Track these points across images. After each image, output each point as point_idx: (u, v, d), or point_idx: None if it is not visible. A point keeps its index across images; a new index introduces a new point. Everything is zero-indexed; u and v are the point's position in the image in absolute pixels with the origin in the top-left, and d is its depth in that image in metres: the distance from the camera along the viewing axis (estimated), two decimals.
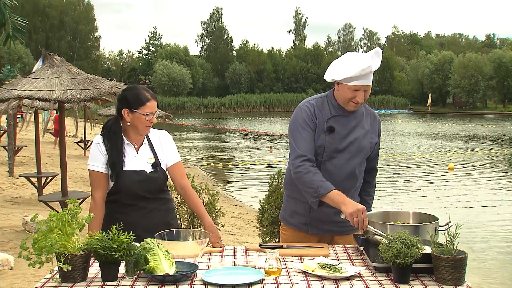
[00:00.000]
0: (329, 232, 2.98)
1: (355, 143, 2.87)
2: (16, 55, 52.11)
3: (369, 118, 2.98)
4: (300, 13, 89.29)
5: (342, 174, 2.85)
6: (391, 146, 25.26)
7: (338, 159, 2.84)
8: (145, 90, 2.86)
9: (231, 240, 7.76)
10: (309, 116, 2.84)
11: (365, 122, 2.94)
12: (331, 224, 2.92)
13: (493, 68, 63.58)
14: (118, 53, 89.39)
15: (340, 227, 2.94)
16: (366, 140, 2.92)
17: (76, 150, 18.67)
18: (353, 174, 2.89)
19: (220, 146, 26.32)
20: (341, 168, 2.85)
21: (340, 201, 2.61)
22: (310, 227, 2.96)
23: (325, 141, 2.82)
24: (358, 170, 2.93)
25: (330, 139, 2.83)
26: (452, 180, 15.54)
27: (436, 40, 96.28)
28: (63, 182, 7.26)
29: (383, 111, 66.67)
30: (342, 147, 2.84)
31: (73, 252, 2.12)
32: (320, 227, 2.95)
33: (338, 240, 2.98)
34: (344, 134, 2.85)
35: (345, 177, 2.86)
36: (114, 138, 2.83)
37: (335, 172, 2.84)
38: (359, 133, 2.89)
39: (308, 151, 2.79)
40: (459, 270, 2.08)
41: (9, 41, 6.39)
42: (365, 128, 2.93)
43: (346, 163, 2.86)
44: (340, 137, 2.84)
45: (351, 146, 2.86)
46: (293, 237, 3.00)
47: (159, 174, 2.89)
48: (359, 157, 2.89)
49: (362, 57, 2.79)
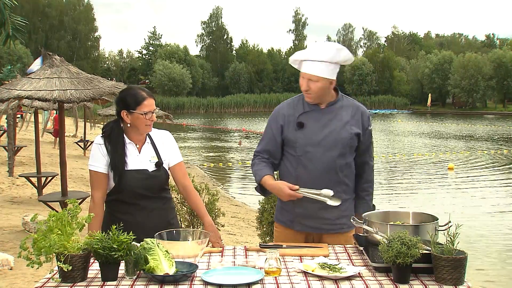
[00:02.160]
0: (316, 230, 2.95)
1: (330, 136, 2.88)
2: (16, 55, 52.07)
3: (349, 110, 2.96)
4: (300, 13, 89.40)
5: (319, 167, 2.87)
6: (391, 146, 25.28)
7: (313, 153, 2.87)
8: (140, 90, 2.86)
9: (231, 240, 7.75)
10: (275, 118, 3.01)
11: (344, 114, 2.94)
12: (316, 221, 2.90)
13: (493, 68, 63.61)
14: (117, 53, 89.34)
15: (327, 225, 2.93)
16: (344, 132, 2.90)
17: (76, 150, 18.67)
18: (331, 167, 2.88)
19: (220, 146, 26.32)
20: (317, 161, 2.87)
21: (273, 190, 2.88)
22: (295, 223, 2.97)
23: (296, 137, 2.91)
24: (339, 163, 2.90)
25: (301, 134, 2.90)
26: (452, 180, 15.55)
27: (436, 40, 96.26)
28: (63, 182, 7.25)
29: (383, 111, 66.68)
30: (316, 141, 2.88)
31: (73, 252, 2.12)
32: (305, 224, 2.94)
33: (326, 238, 2.95)
34: (317, 128, 2.89)
35: (323, 171, 2.86)
36: (115, 141, 2.83)
37: (312, 166, 2.87)
38: (335, 126, 2.90)
39: (262, 149, 3.04)
40: (459, 270, 2.08)
41: (9, 41, 6.39)
42: (343, 120, 2.92)
43: (322, 156, 2.87)
44: (312, 132, 2.89)
45: (326, 139, 2.88)
46: (283, 234, 3.03)
47: (161, 172, 2.89)
48: (336, 150, 2.88)
49: (318, 45, 2.88)
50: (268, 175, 2.90)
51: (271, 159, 3.01)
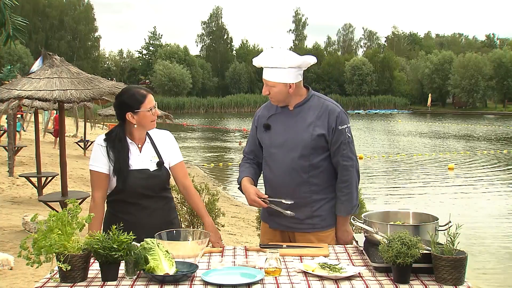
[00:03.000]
0: (288, 228, 2.98)
1: (292, 137, 2.91)
2: (16, 55, 52.09)
3: (317, 110, 2.93)
4: (300, 13, 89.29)
5: (281, 169, 2.92)
6: (391, 146, 25.28)
7: (276, 154, 2.94)
8: (137, 88, 2.88)
9: (231, 240, 7.75)
10: (253, 120, 3.16)
11: (309, 115, 2.92)
12: (287, 220, 2.91)
13: (493, 68, 63.58)
14: (118, 53, 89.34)
15: (297, 224, 2.93)
16: (306, 134, 2.89)
17: (76, 150, 18.67)
18: (293, 169, 2.89)
19: (220, 146, 26.32)
20: (280, 163, 2.93)
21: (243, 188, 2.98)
22: (269, 221, 3.06)
23: (264, 138, 3.03)
24: (301, 165, 2.88)
25: (266, 136, 3.00)
26: (452, 180, 15.55)
27: (436, 40, 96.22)
28: (63, 182, 7.26)
29: (383, 111, 66.68)
30: (278, 143, 2.94)
31: (73, 252, 2.12)
32: (277, 221, 2.99)
33: (298, 237, 2.95)
34: (281, 130, 2.95)
35: (284, 172, 2.90)
36: (119, 145, 2.83)
37: (275, 167, 2.95)
38: (298, 128, 2.91)
39: (246, 150, 3.18)
40: (459, 270, 2.08)
41: (9, 41, 6.39)
42: (307, 121, 2.91)
43: (285, 158, 2.91)
44: (276, 134, 2.96)
45: (288, 140, 2.91)
46: (263, 230, 3.16)
47: (162, 172, 2.89)
48: (297, 151, 2.88)
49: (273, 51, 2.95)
50: (246, 177, 3.02)
51: (256, 159, 3.13)
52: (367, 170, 16.82)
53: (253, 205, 2.98)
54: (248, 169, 3.08)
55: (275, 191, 2.93)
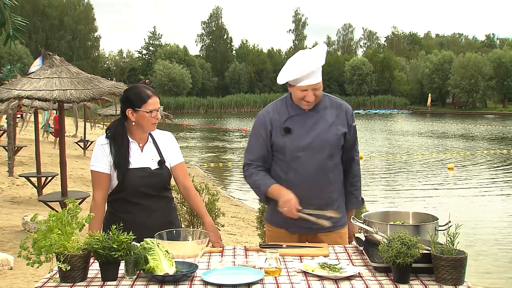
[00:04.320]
0: (311, 230, 2.94)
1: (318, 138, 2.88)
2: (16, 55, 52.06)
3: (334, 110, 2.96)
4: (299, 13, 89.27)
5: (309, 171, 2.87)
6: (391, 146, 25.27)
7: (303, 157, 2.88)
8: (145, 88, 2.88)
9: (231, 240, 7.76)
10: (262, 123, 2.97)
11: (329, 115, 2.94)
12: (307, 222, 2.88)
13: (493, 68, 63.55)
14: (117, 53, 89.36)
15: None
16: (331, 133, 2.91)
17: (76, 150, 18.67)
18: (322, 170, 2.89)
19: (220, 146, 26.32)
20: (307, 165, 2.87)
21: (277, 195, 2.80)
22: (289, 225, 2.96)
23: (284, 142, 2.89)
24: (328, 165, 2.91)
25: (288, 139, 2.89)
26: (452, 180, 15.55)
27: (436, 40, 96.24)
28: (63, 182, 7.26)
29: (383, 111, 66.67)
30: (304, 145, 2.88)
31: (73, 252, 2.12)
32: (298, 225, 2.93)
33: (322, 237, 2.95)
34: (304, 132, 2.89)
35: (313, 174, 2.88)
36: (119, 140, 2.84)
37: (302, 170, 2.87)
38: (321, 128, 2.90)
39: (253, 158, 2.98)
40: (459, 270, 2.08)
41: (9, 41, 6.39)
42: (329, 121, 2.92)
43: (312, 159, 2.87)
44: (299, 136, 2.89)
45: (314, 142, 2.88)
46: (276, 234, 3.03)
47: (164, 171, 2.90)
48: (325, 152, 2.89)
49: (304, 57, 2.84)
50: (276, 184, 2.85)
51: (265, 166, 2.98)
52: (367, 170, 16.82)
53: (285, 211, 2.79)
54: (268, 177, 2.92)
55: (303, 194, 2.82)
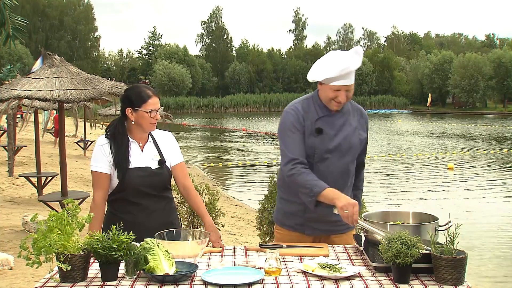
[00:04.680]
0: (325, 232, 2.95)
1: (345, 141, 2.87)
2: (16, 55, 52.10)
3: (356, 114, 2.97)
4: (299, 13, 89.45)
5: (335, 173, 2.86)
6: (391, 146, 25.27)
7: (330, 159, 2.85)
8: (146, 88, 2.88)
9: (231, 240, 7.76)
10: (296, 119, 2.85)
11: (352, 119, 2.94)
12: (326, 224, 2.90)
13: (493, 68, 63.58)
14: (117, 53, 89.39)
15: (336, 226, 2.92)
16: (355, 137, 2.92)
17: (76, 150, 18.67)
18: (346, 172, 2.91)
19: (220, 146, 26.31)
20: (334, 167, 2.86)
21: (335, 197, 2.63)
22: (305, 227, 2.93)
23: (315, 143, 2.84)
24: (351, 168, 2.94)
25: (319, 140, 2.84)
26: (452, 179, 15.55)
27: (436, 40, 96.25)
28: (63, 182, 7.26)
29: (383, 111, 66.66)
30: (333, 147, 2.85)
31: (73, 252, 2.12)
32: (316, 227, 2.92)
33: (334, 238, 2.96)
34: (333, 133, 2.86)
35: (338, 176, 2.87)
36: (119, 138, 2.85)
37: (328, 172, 2.84)
38: (347, 131, 2.89)
39: (298, 154, 2.80)
40: (459, 270, 2.08)
41: (9, 41, 6.40)
42: (353, 125, 2.93)
43: (338, 162, 2.86)
44: (329, 137, 2.85)
45: (341, 145, 2.86)
46: (288, 237, 2.97)
47: (164, 170, 2.90)
48: (350, 155, 2.90)
49: (342, 57, 2.78)
50: (330, 188, 2.68)
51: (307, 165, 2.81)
52: (367, 170, 16.69)
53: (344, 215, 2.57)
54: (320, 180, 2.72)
55: None
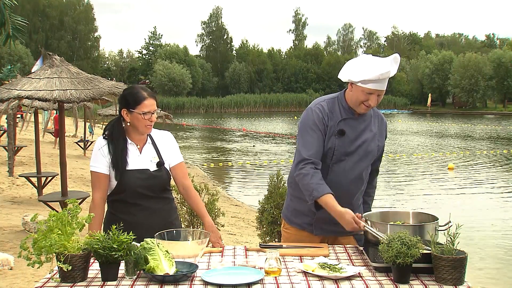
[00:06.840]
0: (333, 233, 2.94)
1: (363, 146, 2.85)
2: (16, 55, 52.13)
3: (376, 120, 2.96)
4: (299, 13, 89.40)
5: (349, 177, 2.84)
6: (391, 145, 25.26)
7: (346, 162, 2.82)
8: (142, 89, 2.86)
9: (231, 240, 7.75)
10: (320, 118, 2.80)
11: (373, 124, 2.93)
12: (336, 225, 2.85)
13: (493, 68, 63.55)
14: (117, 53, 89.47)
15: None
16: (373, 143, 2.90)
17: (76, 150, 18.67)
18: (360, 177, 2.89)
19: (220, 146, 26.31)
20: (349, 171, 2.83)
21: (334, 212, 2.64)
22: (314, 227, 2.93)
23: (335, 144, 2.80)
24: (365, 173, 2.93)
25: (340, 142, 2.80)
26: (452, 179, 15.55)
27: (436, 40, 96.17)
28: (63, 182, 7.25)
29: (383, 111, 66.61)
30: (351, 150, 2.82)
31: (73, 252, 2.12)
32: (325, 228, 2.91)
33: (341, 240, 2.96)
34: (354, 137, 2.83)
35: (352, 180, 2.85)
36: (116, 139, 2.84)
37: (343, 175, 2.82)
38: (367, 136, 2.87)
39: (312, 154, 2.75)
40: (459, 270, 2.08)
41: (9, 41, 6.40)
42: (373, 131, 2.91)
43: (354, 166, 2.84)
44: (349, 140, 2.82)
45: (360, 149, 2.84)
46: (296, 236, 2.97)
47: (163, 173, 2.90)
48: (366, 161, 2.88)
49: (381, 61, 2.75)
50: (329, 194, 2.67)
51: (319, 166, 2.78)
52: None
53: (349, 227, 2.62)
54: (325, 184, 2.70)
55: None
